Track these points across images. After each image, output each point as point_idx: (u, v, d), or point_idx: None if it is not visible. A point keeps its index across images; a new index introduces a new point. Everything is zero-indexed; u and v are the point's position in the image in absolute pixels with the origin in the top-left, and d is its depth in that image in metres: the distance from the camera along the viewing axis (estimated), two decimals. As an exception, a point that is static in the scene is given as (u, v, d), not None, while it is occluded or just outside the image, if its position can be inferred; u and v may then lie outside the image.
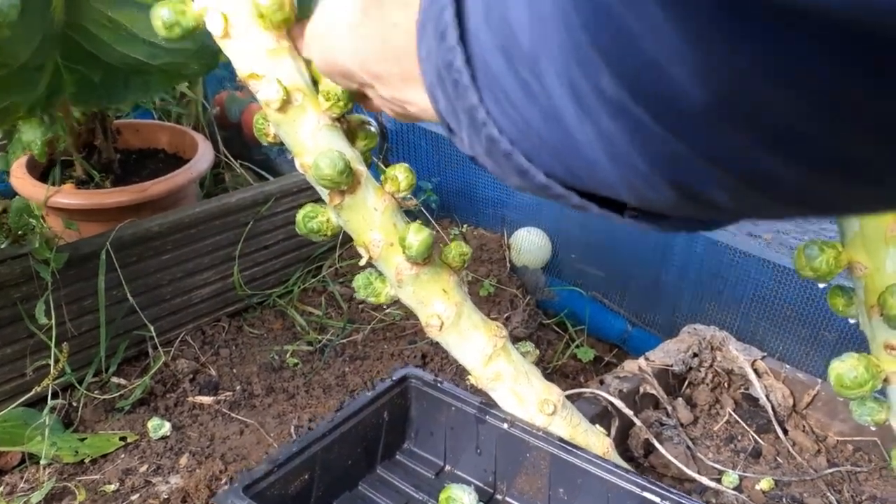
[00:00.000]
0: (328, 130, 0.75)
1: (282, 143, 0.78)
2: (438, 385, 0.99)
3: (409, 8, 0.45)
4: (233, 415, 1.29)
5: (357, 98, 0.67)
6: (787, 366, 1.26)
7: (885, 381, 0.79)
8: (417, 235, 0.77)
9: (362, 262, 0.82)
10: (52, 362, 1.22)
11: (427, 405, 1.01)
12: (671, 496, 0.81)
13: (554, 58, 0.30)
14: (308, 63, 0.74)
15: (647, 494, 0.82)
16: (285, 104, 0.73)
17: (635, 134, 0.29)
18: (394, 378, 1.01)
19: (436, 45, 0.38)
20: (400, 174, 0.79)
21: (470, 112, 0.37)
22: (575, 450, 0.87)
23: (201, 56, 1.17)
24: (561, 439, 0.88)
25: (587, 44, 0.27)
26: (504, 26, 0.33)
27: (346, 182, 0.75)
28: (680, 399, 1.25)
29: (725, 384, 1.29)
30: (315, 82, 0.75)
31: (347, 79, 0.58)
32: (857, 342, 1.25)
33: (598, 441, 0.90)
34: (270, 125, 0.77)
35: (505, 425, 0.91)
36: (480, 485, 0.97)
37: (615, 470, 0.85)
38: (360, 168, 0.77)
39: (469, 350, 0.85)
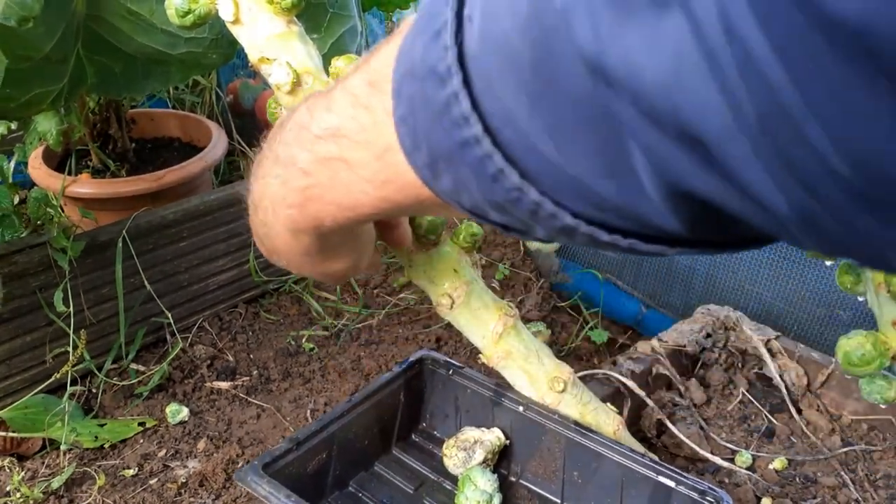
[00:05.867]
0: (338, 113, 0.76)
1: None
2: (454, 367, 1.00)
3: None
4: (250, 399, 1.30)
5: None
6: (801, 345, 1.26)
7: (894, 358, 0.79)
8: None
9: (374, 242, 0.83)
10: (70, 350, 1.24)
11: (443, 387, 1.02)
12: (686, 480, 0.82)
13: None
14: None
15: (661, 479, 0.83)
16: (295, 87, 0.74)
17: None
18: (410, 360, 1.02)
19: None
20: (410, 156, 0.79)
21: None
22: (590, 433, 0.87)
23: (219, 46, 1.18)
24: (576, 423, 0.88)
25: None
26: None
27: (356, 164, 0.75)
28: (693, 379, 1.25)
29: (739, 364, 1.29)
30: (325, 65, 0.76)
31: None
32: (872, 321, 1.25)
33: (608, 419, 0.91)
34: (282, 109, 0.78)
35: (520, 408, 0.92)
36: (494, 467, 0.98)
37: (630, 454, 0.85)
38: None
39: (479, 329, 0.86)
